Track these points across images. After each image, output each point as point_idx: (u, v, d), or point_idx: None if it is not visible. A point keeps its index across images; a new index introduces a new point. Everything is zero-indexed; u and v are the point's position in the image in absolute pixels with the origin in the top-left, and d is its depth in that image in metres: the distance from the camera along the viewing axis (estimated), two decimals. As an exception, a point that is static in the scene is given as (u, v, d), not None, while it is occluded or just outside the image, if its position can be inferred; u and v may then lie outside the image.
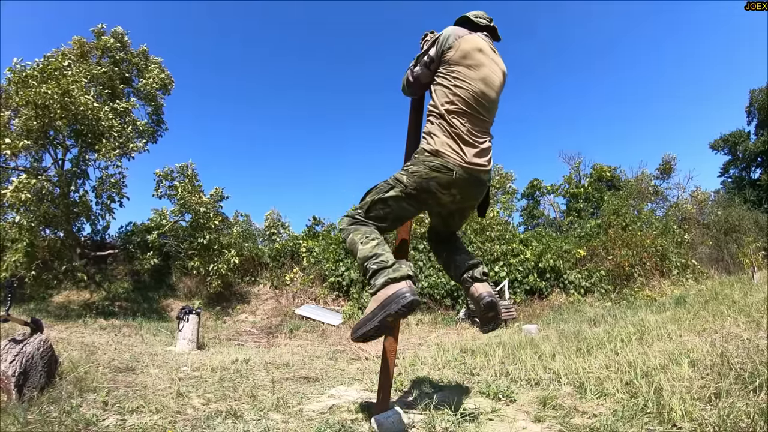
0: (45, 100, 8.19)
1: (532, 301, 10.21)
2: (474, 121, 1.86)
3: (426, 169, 1.79)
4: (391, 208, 1.88)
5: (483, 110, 1.89)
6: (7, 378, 2.44)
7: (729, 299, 4.97)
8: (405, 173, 1.85)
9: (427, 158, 1.81)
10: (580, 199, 16.93)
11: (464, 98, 1.84)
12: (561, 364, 3.06)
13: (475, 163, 1.83)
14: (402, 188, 1.84)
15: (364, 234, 1.82)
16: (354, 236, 1.84)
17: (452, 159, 1.79)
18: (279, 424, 2.23)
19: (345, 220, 1.95)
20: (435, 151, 1.81)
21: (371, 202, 1.89)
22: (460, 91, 1.84)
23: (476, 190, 1.92)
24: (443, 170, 1.78)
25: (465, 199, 1.92)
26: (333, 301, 10.90)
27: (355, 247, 1.80)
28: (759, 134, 21.79)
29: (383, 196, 1.86)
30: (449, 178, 1.78)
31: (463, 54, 1.87)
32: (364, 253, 1.75)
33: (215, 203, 11.34)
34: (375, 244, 1.76)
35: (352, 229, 1.88)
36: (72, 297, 10.10)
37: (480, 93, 1.87)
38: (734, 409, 1.78)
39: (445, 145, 1.80)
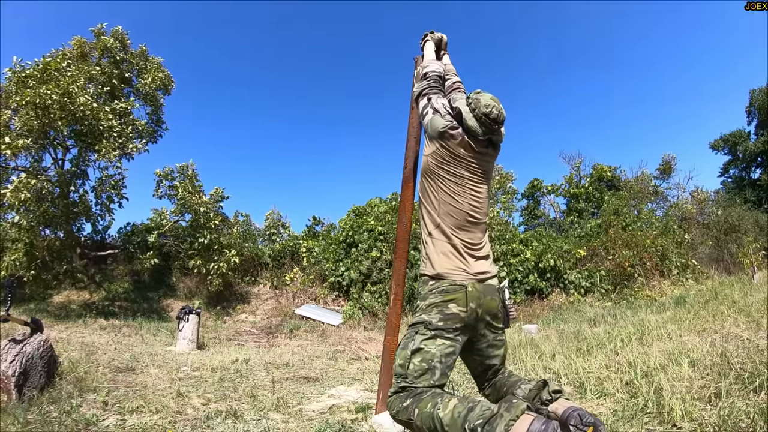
0: (45, 100, 8.19)
1: (532, 301, 10.21)
2: (471, 228, 1.81)
3: (440, 296, 1.68)
4: (431, 352, 1.63)
5: (478, 215, 1.83)
6: (7, 378, 2.44)
7: (729, 299, 4.97)
8: (423, 312, 1.70)
9: (434, 286, 1.72)
10: (581, 199, 16.92)
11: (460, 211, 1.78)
12: (561, 364, 3.06)
13: (481, 272, 1.75)
14: (426, 326, 1.66)
15: (431, 397, 1.51)
16: (421, 409, 1.49)
17: (459, 277, 1.70)
18: (279, 424, 2.23)
19: (394, 400, 1.60)
20: (436, 275, 1.73)
21: (407, 361, 1.63)
22: (452, 207, 1.78)
23: (491, 297, 1.76)
24: (455, 289, 1.68)
25: (485, 311, 1.73)
26: (333, 301, 10.91)
27: (433, 421, 1.44)
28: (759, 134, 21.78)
29: (415, 347, 1.64)
30: (463, 293, 1.67)
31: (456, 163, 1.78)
32: (450, 417, 1.40)
33: (215, 203, 11.34)
34: (456, 402, 1.45)
35: (411, 403, 1.54)
36: (72, 297, 10.10)
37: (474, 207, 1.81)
38: (734, 409, 1.77)
39: (444, 267, 1.73)
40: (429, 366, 1.60)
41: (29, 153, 9.16)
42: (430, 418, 1.45)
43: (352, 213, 12.49)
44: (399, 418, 1.58)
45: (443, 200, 1.77)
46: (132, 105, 10.75)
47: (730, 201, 16.41)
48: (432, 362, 1.61)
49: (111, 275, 11.61)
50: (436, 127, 1.78)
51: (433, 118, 1.81)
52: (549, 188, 18.35)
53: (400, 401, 1.58)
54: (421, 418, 1.48)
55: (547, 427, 1.27)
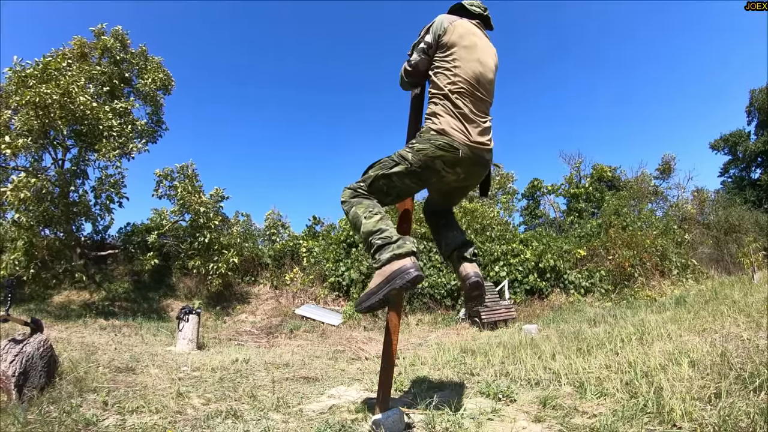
0: (45, 99, 8.19)
1: (532, 301, 10.21)
2: (476, 101, 1.91)
3: (432, 147, 1.81)
4: (395, 183, 1.90)
5: (483, 90, 1.94)
6: (7, 378, 2.43)
7: (729, 299, 4.96)
8: (410, 151, 1.86)
9: (433, 137, 1.83)
10: (581, 199, 16.92)
11: (465, 78, 1.89)
12: (561, 364, 3.06)
13: (479, 142, 1.88)
14: (407, 165, 1.85)
15: (368, 208, 1.83)
16: (357, 209, 1.84)
17: (458, 138, 1.82)
18: (279, 424, 2.23)
19: (347, 192, 1.93)
20: (441, 130, 1.83)
21: (375, 177, 1.90)
22: (460, 71, 1.89)
23: (480, 169, 1.97)
24: (449, 149, 1.81)
25: (468, 177, 1.97)
26: (333, 301, 10.90)
27: (358, 220, 1.80)
28: (759, 134, 21.78)
29: (387, 171, 1.88)
30: (455, 157, 1.82)
31: (458, 36, 1.92)
32: (368, 227, 1.76)
33: (215, 203, 11.34)
34: (378, 219, 1.77)
35: (354, 202, 1.88)
36: (72, 297, 10.10)
37: (479, 73, 1.92)
38: (734, 409, 1.77)
39: (450, 125, 1.83)
40: (387, 191, 1.93)
41: (29, 153, 9.16)
42: (356, 219, 1.82)
43: (353, 213, 12.48)
44: (343, 207, 1.93)
45: (449, 72, 1.89)
46: (132, 105, 10.75)
47: (730, 201, 16.41)
48: (392, 192, 1.93)
49: (111, 275, 11.60)
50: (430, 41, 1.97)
51: (418, 52, 2.02)
52: (549, 188, 18.35)
53: (349, 195, 1.92)
54: (352, 215, 1.85)
55: (416, 271, 1.63)
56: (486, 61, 1.96)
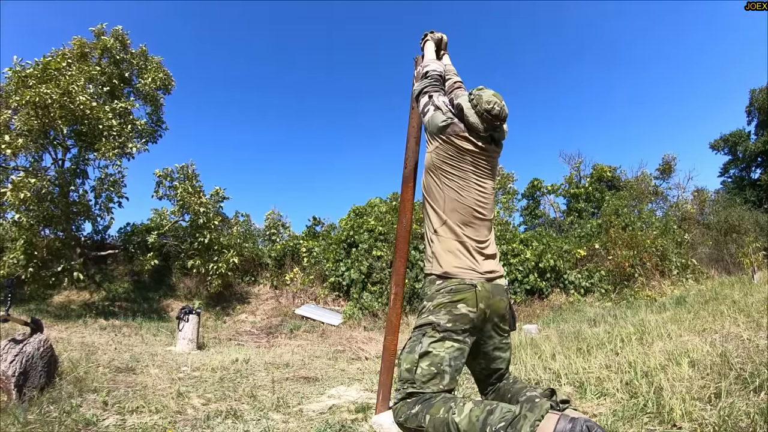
0: (44, 99, 8.19)
1: (532, 301, 10.20)
2: (476, 229, 1.77)
3: (448, 295, 1.61)
4: (440, 356, 1.53)
5: (486, 211, 1.83)
6: (7, 378, 2.44)
7: (729, 299, 4.96)
8: (430, 313, 1.61)
9: (441, 285, 1.65)
10: (581, 199, 16.92)
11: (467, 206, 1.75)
12: (561, 364, 3.06)
13: (488, 271, 1.71)
14: (434, 327, 1.57)
15: (444, 402, 1.42)
16: (433, 415, 1.40)
17: (467, 275, 1.64)
18: (279, 424, 2.23)
19: (401, 407, 1.51)
20: (445, 273, 1.66)
21: (414, 365, 1.54)
22: (462, 198, 1.75)
23: (499, 297, 1.71)
24: (464, 287, 1.61)
25: (493, 312, 1.68)
26: (333, 301, 10.90)
27: (449, 427, 1.35)
28: (759, 134, 21.77)
29: (423, 350, 1.55)
30: (472, 292, 1.60)
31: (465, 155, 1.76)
32: (469, 423, 1.32)
33: (215, 203, 11.34)
34: (472, 405, 1.36)
35: (421, 409, 1.45)
36: (72, 297, 10.10)
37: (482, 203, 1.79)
38: (734, 409, 1.77)
39: (453, 265, 1.67)
40: (438, 370, 1.52)
41: (29, 152, 9.16)
42: (444, 424, 1.36)
43: (353, 213, 12.49)
44: (407, 426, 1.48)
45: (448, 196, 1.73)
46: (132, 105, 10.75)
47: (730, 201, 16.41)
48: (441, 366, 1.52)
49: (111, 275, 11.61)
50: (437, 122, 1.76)
51: (434, 114, 1.79)
52: (549, 188, 18.35)
53: (408, 408, 1.48)
54: (434, 424, 1.39)
55: (574, 425, 1.21)
56: (485, 185, 1.82)
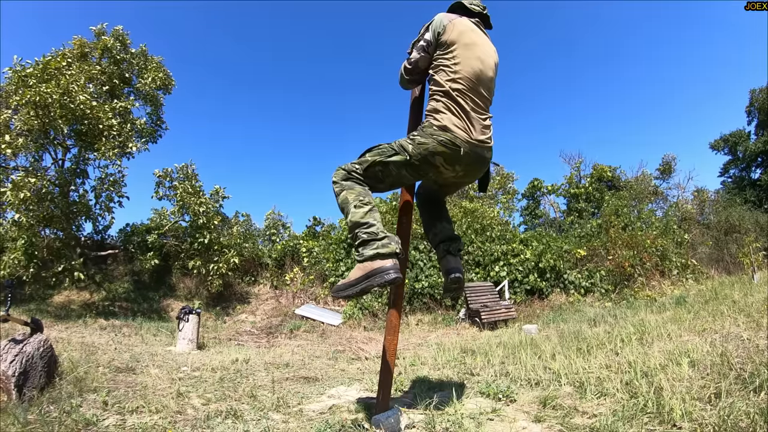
0: (45, 99, 8.19)
1: (532, 301, 10.20)
2: (476, 98, 1.91)
3: (434, 143, 1.81)
4: (391, 172, 1.89)
5: (483, 88, 1.95)
6: (7, 378, 2.43)
7: (729, 299, 4.96)
8: (411, 143, 1.85)
9: (435, 132, 1.83)
10: (581, 199, 16.92)
11: (467, 76, 1.88)
12: (561, 364, 3.06)
13: (480, 140, 1.89)
14: (406, 157, 1.84)
15: (359, 195, 1.82)
16: (348, 194, 1.83)
17: (460, 135, 1.82)
18: (279, 424, 2.23)
19: (340, 173, 1.90)
20: (443, 126, 1.82)
21: (371, 162, 1.89)
22: (460, 69, 1.89)
23: (480, 167, 1.98)
24: (451, 146, 1.81)
25: (467, 175, 1.98)
26: (333, 301, 10.90)
27: (347, 207, 1.80)
28: (759, 134, 21.77)
29: (385, 159, 1.87)
30: (456, 154, 1.82)
31: (458, 34, 1.92)
32: (356, 217, 1.76)
33: (215, 203, 11.34)
34: (367, 210, 1.77)
35: (346, 185, 1.86)
36: (72, 297, 10.10)
37: (479, 70, 1.92)
38: (734, 409, 1.77)
39: (452, 122, 1.83)
40: (382, 178, 1.92)
41: (29, 152, 9.16)
42: (346, 204, 1.80)
43: (353, 213, 12.48)
44: (334, 188, 1.89)
45: (449, 69, 1.88)
46: (132, 104, 10.75)
47: (730, 201, 16.41)
48: (386, 179, 1.93)
49: (111, 275, 11.61)
50: (429, 37, 1.96)
51: (418, 49, 2.01)
52: (549, 188, 18.35)
53: (342, 177, 1.89)
54: (342, 199, 1.84)
55: (395, 273, 1.64)
56: (486, 59, 1.96)
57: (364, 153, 1.94)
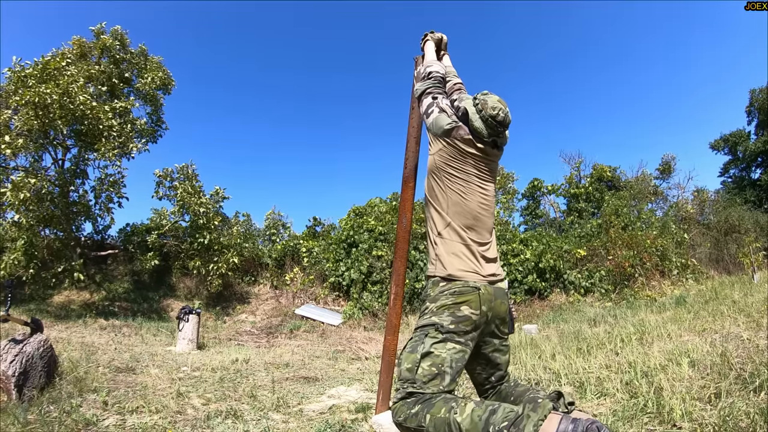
0: (44, 99, 8.19)
1: (532, 301, 10.20)
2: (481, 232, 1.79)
3: (453, 297, 1.61)
4: (441, 356, 1.54)
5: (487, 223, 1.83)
6: (7, 378, 2.43)
7: (729, 299, 4.97)
8: (432, 314, 1.63)
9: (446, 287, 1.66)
10: (581, 199, 16.92)
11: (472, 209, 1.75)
12: (561, 364, 3.06)
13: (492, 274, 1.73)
14: (437, 328, 1.57)
15: (445, 402, 1.42)
16: (434, 415, 1.39)
17: (471, 277, 1.66)
18: (279, 424, 2.23)
19: (401, 407, 1.51)
20: (449, 275, 1.67)
21: (416, 365, 1.53)
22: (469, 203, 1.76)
23: (502, 300, 1.74)
24: (470, 291, 1.62)
25: (495, 315, 1.71)
26: (333, 301, 10.90)
27: (450, 427, 1.35)
28: (759, 134, 21.77)
29: (425, 350, 1.55)
30: (476, 297, 1.62)
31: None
32: (471, 422, 1.32)
33: (215, 203, 11.34)
34: (473, 405, 1.36)
35: (421, 409, 1.44)
36: (72, 297, 10.10)
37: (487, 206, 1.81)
38: (734, 409, 1.77)
39: (460, 267, 1.68)
40: (439, 371, 1.52)
41: (29, 152, 9.16)
42: (446, 424, 1.36)
43: (353, 213, 12.50)
44: (407, 425, 1.48)
45: (452, 199, 1.74)
46: (132, 104, 10.75)
47: (730, 201, 16.41)
48: (442, 367, 1.52)
49: (111, 275, 11.61)
50: (441, 125, 1.75)
51: (439, 116, 1.78)
52: (549, 188, 18.34)
53: (407, 408, 1.48)
54: (434, 424, 1.39)
55: (576, 425, 1.21)
56: (487, 187, 1.82)
57: (400, 371, 1.59)
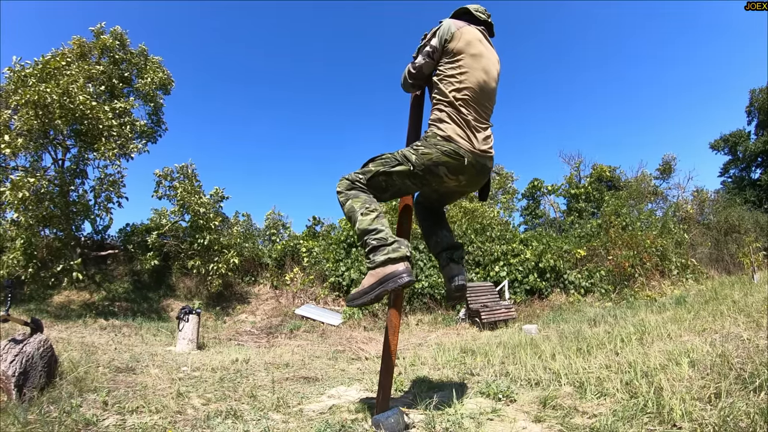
0: (44, 99, 8.19)
1: (532, 301, 10.20)
2: (479, 109, 1.93)
3: (438, 153, 1.82)
4: (394, 182, 1.90)
5: (486, 99, 1.96)
6: (7, 378, 2.43)
7: (729, 299, 4.96)
8: (414, 153, 1.87)
9: (439, 142, 1.84)
10: (581, 199, 16.93)
11: (471, 87, 1.90)
12: (561, 364, 3.06)
13: (483, 150, 1.91)
14: (409, 167, 1.85)
15: (364, 203, 1.83)
16: (354, 203, 1.84)
17: (464, 146, 1.84)
18: (279, 424, 2.23)
19: (344, 183, 1.92)
20: (447, 136, 1.84)
21: (375, 172, 1.90)
22: (466, 80, 1.90)
23: (481, 177, 1.99)
24: (455, 156, 1.83)
25: (469, 184, 2.00)
26: (333, 301, 10.91)
27: (354, 215, 1.81)
28: (759, 134, 21.78)
29: (389, 169, 1.88)
30: (460, 164, 1.84)
31: (465, 43, 1.92)
32: (363, 225, 1.77)
33: (215, 203, 11.34)
34: (374, 217, 1.78)
35: (351, 194, 1.87)
36: (72, 297, 10.10)
37: (484, 82, 1.94)
38: (734, 409, 1.77)
39: (456, 132, 1.85)
40: (385, 188, 1.93)
41: (29, 152, 9.16)
42: (352, 213, 1.81)
43: (353, 213, 12.48)
44: (339, 197, 1.90)
45: (454, 79, 1.90)
46: (132, 105, 10.75)
47: (730, 201, 16.41)
48: (389, 189, 1.93)
49: (111, 275, 11.60)
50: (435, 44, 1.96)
51: (426, 54, 2.01)
52: (549, 188, 18.36)
53: (346, 186, 1.89)
54: (348, 208, 1.84)
55: (408, 276, 1.65)
56: (490, 70, 1.97)
57: (367, 163, 1.95)
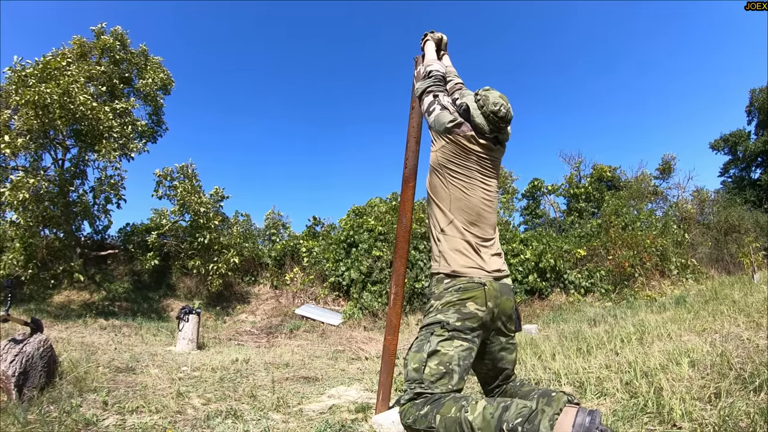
0: (44, 99, 8.19)
1: (532, 301, 10.20)
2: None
3: (458, 294, 1.59)
4: (448, 355, 1.50)
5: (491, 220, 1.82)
6: (7, 378, 2.43)
7: (729, 299, 4.96)
8: (437, 311, 1.59)
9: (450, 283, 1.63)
10: (581, 199, 16.92)
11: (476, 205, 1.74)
12: (561, 364, 3.06)
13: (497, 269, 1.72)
14: (443, 326, 1.54)
15: (455, 402, 1.37)
16: (444, 415, 1.35)
17: (476, 273, 1.64)
18: (279, 423, 2.23)
19: (409, 408, 1.46)
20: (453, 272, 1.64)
21: (422, 365, 1.50)
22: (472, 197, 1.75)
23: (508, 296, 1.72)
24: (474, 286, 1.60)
25: (501, 311, 1.68)
26: (333, 301, 10.90)
27: (461, 426, 1.30)
28: (759, 134, 21.77)
29: (431, 349, 1.51)
30: (481, 293, 1.59)
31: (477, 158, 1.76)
32: (483, 420, 1.27)
33: (215, 203, 11.34)
34: (485, 403, 1.31)
35: (430, 410, 1.39)
36: (72, 297, 10.10)
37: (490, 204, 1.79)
38: (734, 409, 1.77)
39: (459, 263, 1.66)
40: (447, 369, 1.48)
41: (29, 152, 9.17)
42: (457, 423, 1.31)
43: (352, 213, 12.49)
44: (416, 427, 1.42)
45: (454, 195, 1.72)
46: (132, 105, 10.75)
47: (730, 201, 16.41)
48: (450, 365, 1.48)
49: (111, 275, 11.60)
50: (443, 122, 1.75)
51: (441, 113, 1.78)
52: (549, 188, 18.34)
53: (416, 409, 1.43)
54: (445, 424, 1.34)
55: (594, 417, 1.18)
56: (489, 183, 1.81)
57: (406, 372, 1.56)
